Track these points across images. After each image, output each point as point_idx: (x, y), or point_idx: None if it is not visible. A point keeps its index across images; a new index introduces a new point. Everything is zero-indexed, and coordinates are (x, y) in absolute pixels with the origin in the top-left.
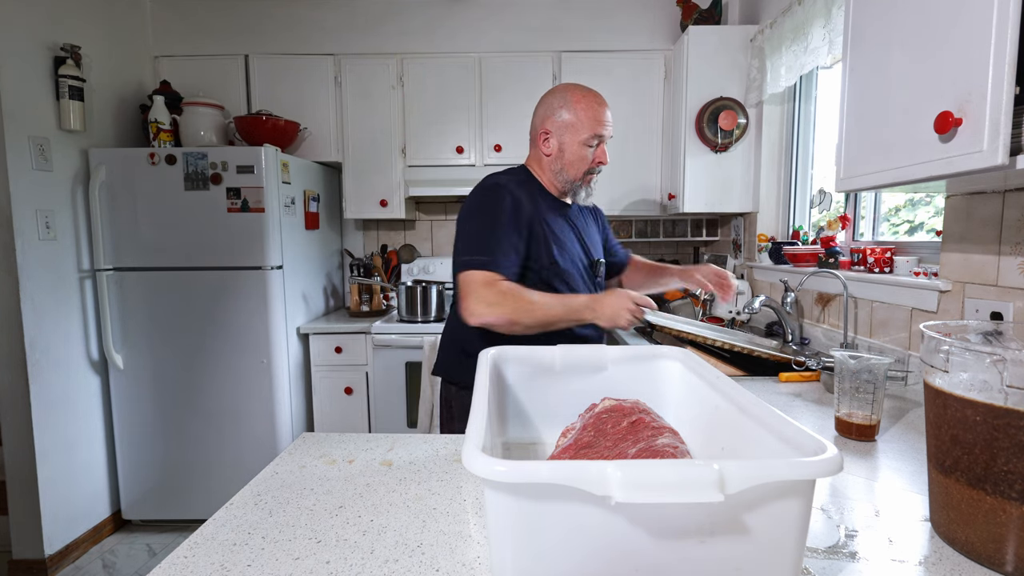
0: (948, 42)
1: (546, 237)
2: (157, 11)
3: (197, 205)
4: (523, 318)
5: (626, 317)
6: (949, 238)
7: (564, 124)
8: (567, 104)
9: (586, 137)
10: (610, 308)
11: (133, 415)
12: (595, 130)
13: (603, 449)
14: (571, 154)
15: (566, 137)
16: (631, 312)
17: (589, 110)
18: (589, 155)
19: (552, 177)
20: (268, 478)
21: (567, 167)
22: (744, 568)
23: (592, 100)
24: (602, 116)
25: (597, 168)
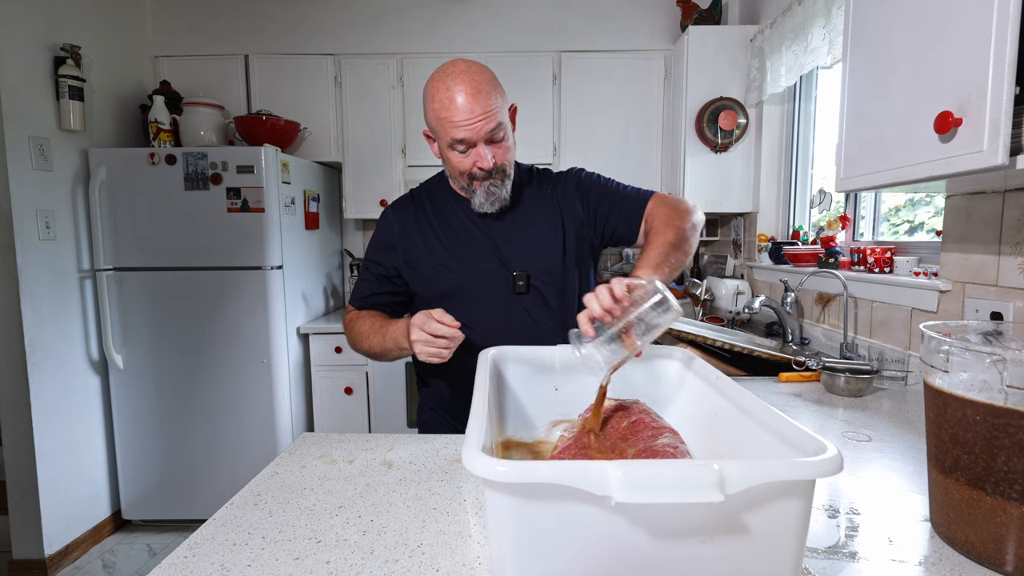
0: (948, 42)
1: (425, 268)
2: (157, 11)
3: (197, 205)
4: (359, 347)
5: (418, 351)
6: (949, 238)
7: (430, 124)
8: (427, 97)
9: (448, 142)
10: (402, 339)
11: (133, 415)
12: (455, 133)
13: (603, 449)
14: (447, 160)
15: (438, 139)
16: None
17: (443, 109)
18: (463, 160)
19: (453, 182)
20: (268, 478)
21: (451, 172)
22: (744, 568)
23: (445, 95)
24: (464, 113)
25: (480, 173)
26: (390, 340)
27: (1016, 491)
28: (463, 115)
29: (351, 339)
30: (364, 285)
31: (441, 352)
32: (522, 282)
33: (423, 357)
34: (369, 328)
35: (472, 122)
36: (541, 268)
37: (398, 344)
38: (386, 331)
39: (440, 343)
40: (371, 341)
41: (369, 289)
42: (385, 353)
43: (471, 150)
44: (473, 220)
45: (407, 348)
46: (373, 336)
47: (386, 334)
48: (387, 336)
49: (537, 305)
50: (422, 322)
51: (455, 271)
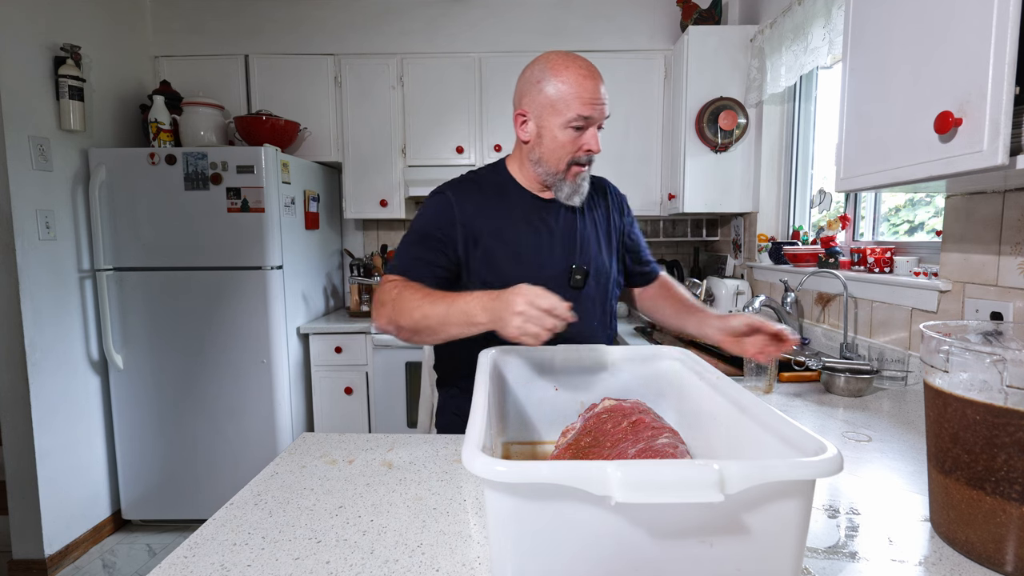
0: (948, 42)
1: (489, 249)
2: (157, 11)
3: (197, 205)
4: (402, 320)
5: (515, 325)
6: (949, 238)
7: (543, 102)
8: (546, 78)
9: (569, 117)
10: (499, 307)
11: (133, 415)
12: (580, 109)
13: (603, 449)
14: (551, 139)
15: (545, 119)
16: (523, 310)
17: (574, 84)
18: (573, 140)
19: (531, 168)
20: (268, 478)
21: (546, 156)
22: (744, 568)
23: (577, 72)
24: (591, 91)
25: (585, 157)
26: (457, 312)
27: (1016, 491)
28: (592, 94)
29: (395, 309)
30: (411, 253)
31: (542, 333)
32: (579, 276)
33: (516, 333)
34: (425, 298)
35: (598, 103)
36: (598, 266)
37: (468, 318)
38: (453, 301)
39: (548, 322)
40: (428, 310)
41: (417, 255)
42: (443, 326)
43: (584, 132)
44: (536, 209)
45: (479, 324)
46: (434, 305)
47: (453, 304)
48: (454, 306)
49: (589, 301)
50: (535, 294)
51: (518, 255)
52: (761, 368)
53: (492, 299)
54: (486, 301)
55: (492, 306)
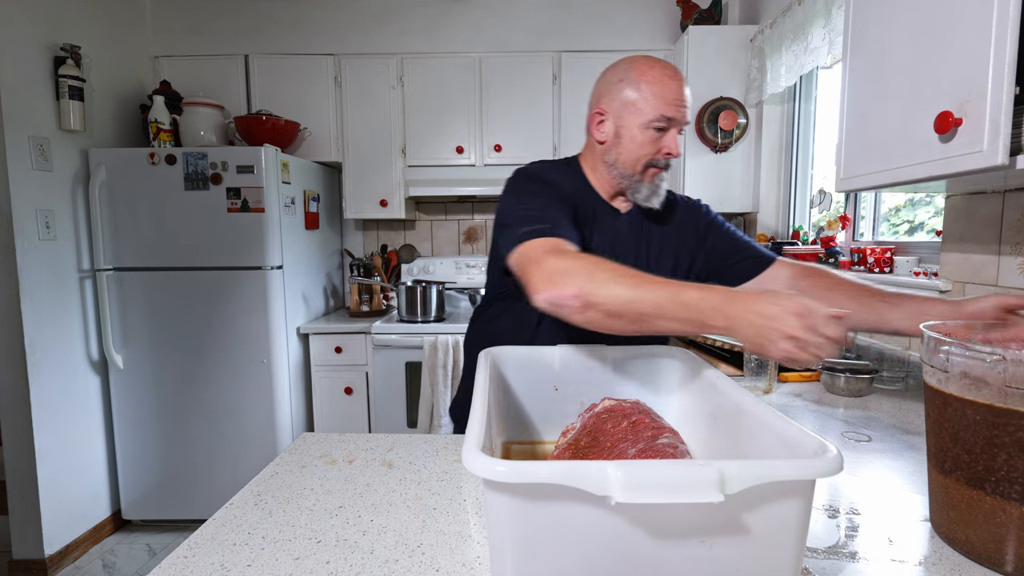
0: (948, 42)
1: (585, 242)
2: (157, 11)
3: (197, 205)
4: (601, 297)
5: (782, 346)
6: (949, 238)
7: (624, 103)
8: (629, 78)
9: (651, 118)
10: (757, 321)
11: (133, 415)
12: (664, 109)
13: (603, 449)
14: (629, 140)
15: (625, 118)
16: (800, 335)
17: (658, 84)
18: (653, 142)
19: (604, 171)
20: (268, 478)
21: (623, 157)
22: (744, 568)
23: (662, 73)
24: (675, 92)
25: (663, 160)
26: (681, 307)
27: (1016, 491)
28: (676, 95)
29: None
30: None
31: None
32: None
33: (780, 356)
34: (631, 277)
35: (681, 105)
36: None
37: (697, 317)
38: (677, 290)
39: (827, 351)
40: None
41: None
42: (656, 317)
43: (665, 134)
44: (606, 215)
45: (711, 327)
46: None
47: (676, 293)
48: (678, 297)
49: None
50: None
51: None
52: (761, 368)
53: (740, 304)
54: (727, 303)
55: (741, 312)
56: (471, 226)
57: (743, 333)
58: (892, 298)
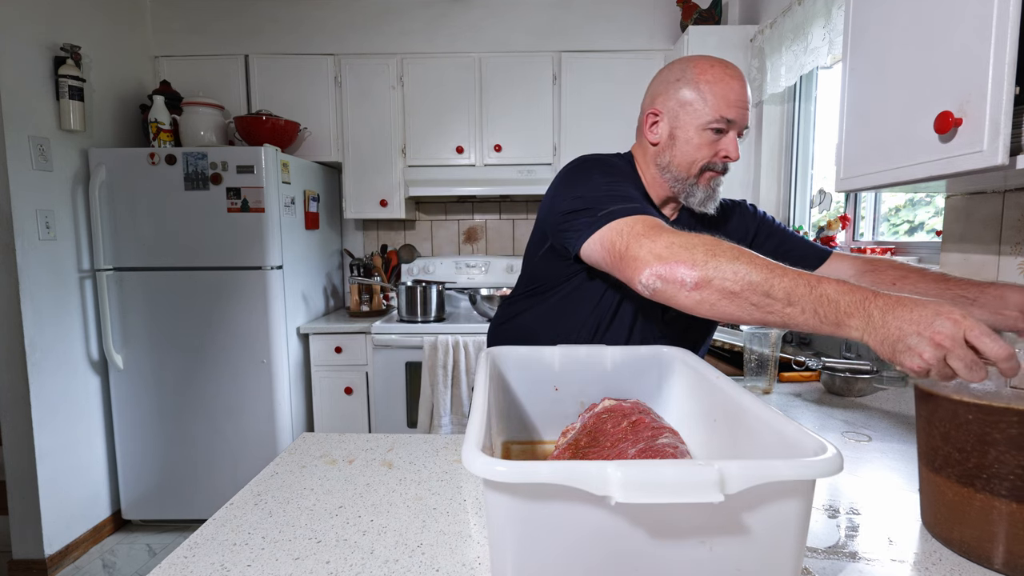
0: (948, 42)
1: None
2: (157, 11)
3: (197, 205)
4: (723, 272)
5: (926, 355)
6: (949, 238)
7: (680, 103)
8: (687, 77)
9: (709, 119)
10: (905, 324)
11: (133, 415)
12: (725, 111)
13: (603, 449)
14: (685, 142)
15: (682, 119)
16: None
17: (718, 84)
18: (711, 144)
19: (657, 173)
20: (268, 478)
21: (677, 160)
22: (744, 568)
23: (723, 72)
24: (737, 92)
25: (720, 164)
26: (817, 300)
27: (1005, 487)
28: (736, 96)
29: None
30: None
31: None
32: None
33: (919, 368)
34: (756, 259)
35: (742, 107)
36: None
37: (833, 314)
38: (812, 283)
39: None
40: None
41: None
42: (784, 303)
43: (724, 137)
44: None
45: (846, 327)
46: (781, 275)
47: (813, 286)
48: (815, 289)
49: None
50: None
51: None
52: (761, 368)
53: (886, 304)
54: (871, 302)
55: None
56: (471, 226)
57: (884, 334)
58: (969, 288)
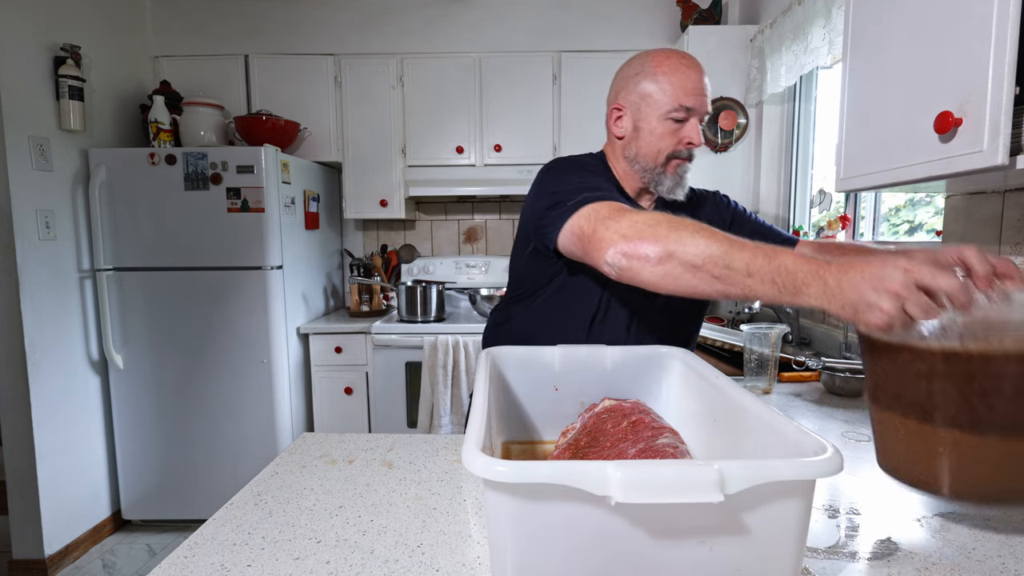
0: (948, 42)
1: None
2: (157, 11)
3: (197, 205)
4: (684, 246)
5: (887, 307)
6: (949, 238)
7: (641, 96)
8: (645, 70)
9: (669, 109)
10: (860, 281)
11: (133, 415)
12: (683, 99)
13: (603, 449)
14: (648, 132)
15: (643, 111)
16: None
17: (675, 75)
18: (673, 133)
19: (627, 166)
20: (268, 478)
21: (643, 150)
22: (744, 568)
23: (679, 62)
24: (694, 81)
25: (685, 151)
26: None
27: (946, 416)
28: (693, 84)
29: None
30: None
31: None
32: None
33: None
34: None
35: (701, 94)
36: None
37: (791, 282)
38: (769, 253)
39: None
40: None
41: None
42: (744, 275)
43: (685, 124)
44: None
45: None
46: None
47: (777, 255)
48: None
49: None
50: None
51: None
52: (761, 368)
53: (840, 268)
54: (826, 268)
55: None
56: (471, 226)
57: (843, 299)
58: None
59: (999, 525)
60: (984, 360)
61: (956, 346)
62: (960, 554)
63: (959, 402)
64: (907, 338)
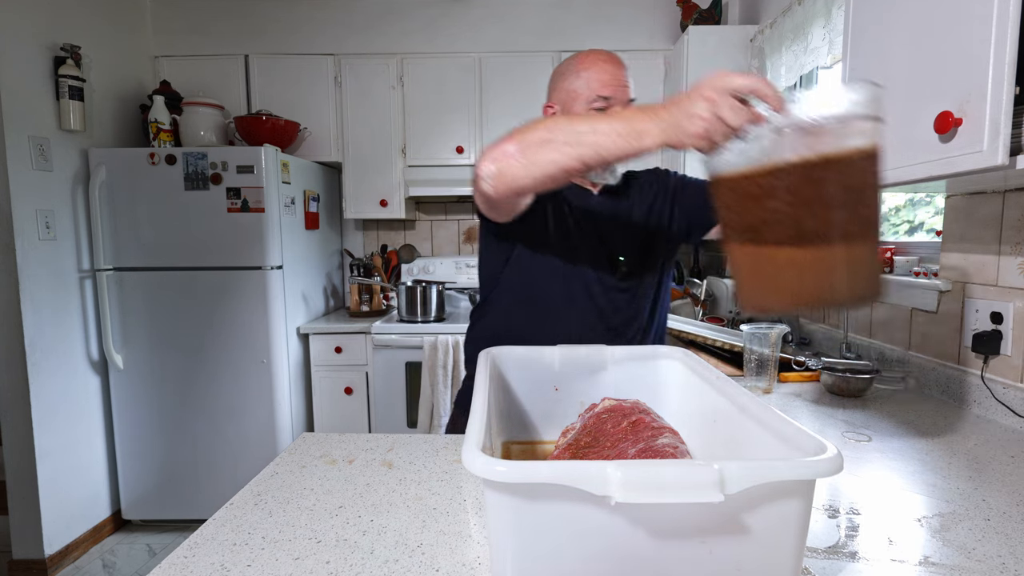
0: (948, 42)
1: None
2: (157, 11)
3: (197, 205)
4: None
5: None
6: (949, 238)
7: (567, 92)
8: (570, 70)
9: (589, 99)
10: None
11: (133, 415)
12: (599, 90)
13: (603, 449)
14: None
15: (569, 106)
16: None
17: (592, 69)
18: None
19: None
20: (268, 478)
21: None
22: (744, 568)
23: (596, 58)
24: (610, 73)
25: None
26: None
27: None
28: (611, 76)
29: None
30: None
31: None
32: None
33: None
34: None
35: (618, 85)
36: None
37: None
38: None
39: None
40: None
41: None
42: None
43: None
44: (579, 197)
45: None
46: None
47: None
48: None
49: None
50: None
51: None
52: (761, 368)
53: (667, 105)
54: (659, 109)
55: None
56: (471, 226)
57: (671, 121)
58: None
59: (999, 525)
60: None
61: (776, 161)
62: (960, 554)
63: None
64: (736, 165)
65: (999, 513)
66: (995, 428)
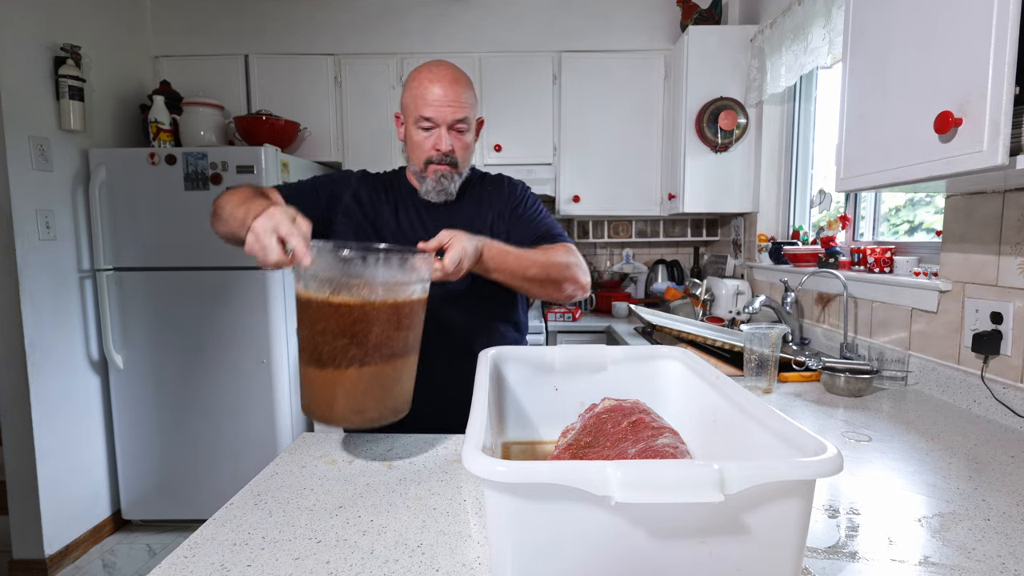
0: (948, 42)
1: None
2: (157, 11)
3: (197, 205)
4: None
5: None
6: (949, 238)
7: (404, 106)
8: (408, 82)
9: (415, 117)
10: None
11: (133, 415)
12: (421, 110)
13: (603, 449)
14: (409, 139)
15: (404, 120)
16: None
17: (417, 88)
18: (424, 140)
19: (409, 170)
20: (268, 478)
21: (410, 155)
22: (744, 568)
23: (423, 76)
24: (433, 95)
25: (437, 156)
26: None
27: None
28: (435, 96)
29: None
30: (296, 183)
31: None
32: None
33: (247, 246)
34: (242, 196)
35: (441, 105)
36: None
37: (245, 222)
38: (252, 202)
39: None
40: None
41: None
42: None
43: (434, 131)
44: (416, 207)
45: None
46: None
47: (252, 204)
48: (250, 206)
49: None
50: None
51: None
52: (761, 368)
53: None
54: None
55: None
56: None
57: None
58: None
59: (999, 525)
60: (320, 306)
61: (311, 294)
62: (960, 554)
63: (310, 341)
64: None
65: (999, 513)
66: (995, 428)
